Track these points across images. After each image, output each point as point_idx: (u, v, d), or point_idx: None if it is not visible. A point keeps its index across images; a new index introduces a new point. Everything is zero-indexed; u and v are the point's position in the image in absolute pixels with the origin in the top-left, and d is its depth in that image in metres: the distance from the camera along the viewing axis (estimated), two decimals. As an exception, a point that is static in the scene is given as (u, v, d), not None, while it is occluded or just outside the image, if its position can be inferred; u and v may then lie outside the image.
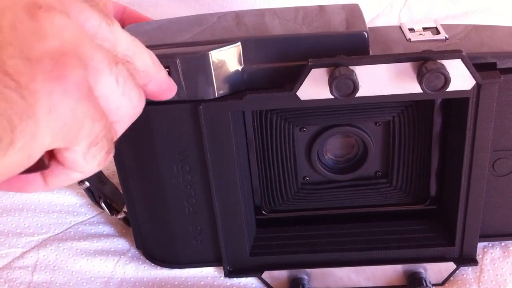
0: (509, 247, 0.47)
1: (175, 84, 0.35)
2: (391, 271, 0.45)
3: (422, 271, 0.45)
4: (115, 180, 0.53)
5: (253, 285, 0.46)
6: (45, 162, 0.27)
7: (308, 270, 0.45)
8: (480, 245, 0.47)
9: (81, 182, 0.47)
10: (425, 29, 0.42)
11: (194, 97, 0.39)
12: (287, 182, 0.46)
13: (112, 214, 0.48)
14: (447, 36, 0.41)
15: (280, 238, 0.46)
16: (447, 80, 0.36)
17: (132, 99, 0.29)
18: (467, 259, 0.45)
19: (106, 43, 0.28)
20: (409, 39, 0.41)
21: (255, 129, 0.43)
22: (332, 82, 0.36)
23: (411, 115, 0.43)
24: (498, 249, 0.47)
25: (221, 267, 0.46)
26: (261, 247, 0.46)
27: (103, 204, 0.48)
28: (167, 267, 0.47)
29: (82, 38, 0.26)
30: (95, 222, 0.51)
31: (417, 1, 0.70)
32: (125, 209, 0.48)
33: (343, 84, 0.36)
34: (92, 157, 0.27)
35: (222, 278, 0.47)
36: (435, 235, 0.46)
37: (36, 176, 0.28)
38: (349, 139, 0.45)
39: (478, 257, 0.47)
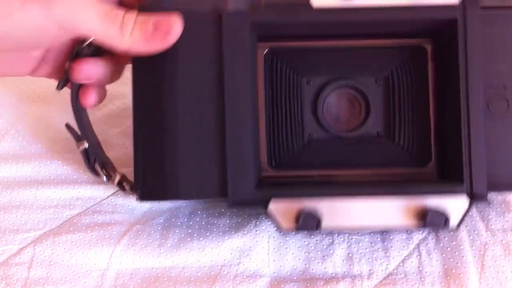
0: (510, 245, 0.47)
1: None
2: (404, 209, 0.44)
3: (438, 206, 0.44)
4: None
5: (251, 272, 0.46)
6: None
7: (319, 208, 0.44)
8: (482, 242, 0.47)
9: (80, 142, 0.48)
10: None
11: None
12: (293, 136, 0.47)
13: (108, 179, 0.48)
14: None
15: (286, 178, 0.47)
16: None
17: None
18: (479, 194, 0.44)
19: None
20: None
21: (265, 82, 0.47)
22: None
23: (407, 69, 0.47)
24: (499, 246, 0.47)
25: (223, 227, 0.47)
26: (267, 183, 0.46)
27: (97, 166, 0.47)
28: (168, 200, 0.47)
29: None
30: (90, 212, 0.50)
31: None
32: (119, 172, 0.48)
33: None
34: None
35: (219, 267, 0.46)
36: (442, 180, 0.46)
37: None
38: (352, 97, 0.48)
39: (480, 253, 0.47)
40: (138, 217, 0.50)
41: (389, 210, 0.44)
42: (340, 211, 0.44)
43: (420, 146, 0.47)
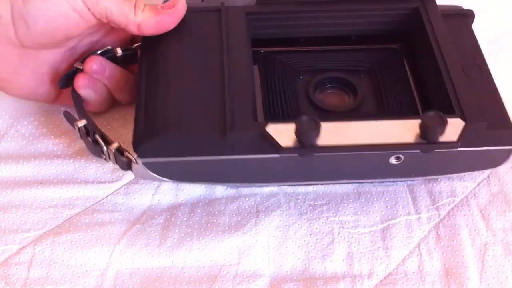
0: (510, 244, 0.47)
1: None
2: (403, 127, 0.43)
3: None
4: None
5: (250, 272, 0.46)
6: None
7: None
8: (482, 241, 0.47)
9: (79, 121, 0.49)
10: None
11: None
12: (289, 113, 0.49)
13: (106, 146, 0.47)
14: None
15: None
16: None
17: None
18: (472, 116, 0.44)
19: None
20: None
21: (260, 75, 0.52)
22: None
23: (386, 65, 0.52)
24: (499, 246, 0.47)
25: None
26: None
27: (97, 137, 0.47)
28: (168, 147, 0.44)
29: None
30: (89, 211, 0.50)
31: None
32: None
33: None
34: None
35: (219, 267, 0.46)
36: None
37: None
38: (341, 88, 0.52)
39: (480, 253, 0.47)
40: (138, 216, 0.49)
41: (389, 128, 0.43)
42: (339, 129, 0.43)
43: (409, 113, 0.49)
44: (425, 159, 0.46)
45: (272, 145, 0.42)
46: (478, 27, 0.66)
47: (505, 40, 0.65)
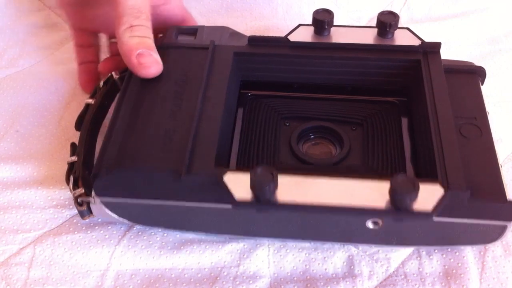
0: (510, 245, 0.47)
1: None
2: (371, 189, 0.40)
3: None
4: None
5: (251, 273, 0.46)
6: None
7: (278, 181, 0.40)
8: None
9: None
10: None
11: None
12: (264, 160, 0.47)
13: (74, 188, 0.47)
14: None
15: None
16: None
17: None
18: (455, 183, 0.40)
19: None
20: None
21: (243, 118, 0.50)
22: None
23: (380, 118, 0.50)
24: (499, 247, 0.47)
25: None
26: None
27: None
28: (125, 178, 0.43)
29: None
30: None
31: (417, 0, 0.69)
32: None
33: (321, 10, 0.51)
34: None
35: (219, 269, 0.46)
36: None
37: None
38: (328, 139, 0.50)
39: (480, 253, 0.47)
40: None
41: (359, 189, 0.40)
42: (301, 185, 0.40)
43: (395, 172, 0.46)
44: (406, 227, 0.43)
45: (227, 196, 0.40)
46: (478, 27, 0.66)
47: (505, 40, 0.65)
